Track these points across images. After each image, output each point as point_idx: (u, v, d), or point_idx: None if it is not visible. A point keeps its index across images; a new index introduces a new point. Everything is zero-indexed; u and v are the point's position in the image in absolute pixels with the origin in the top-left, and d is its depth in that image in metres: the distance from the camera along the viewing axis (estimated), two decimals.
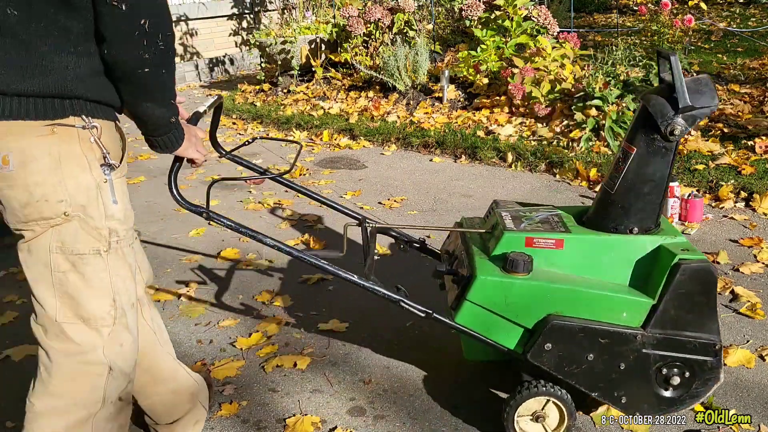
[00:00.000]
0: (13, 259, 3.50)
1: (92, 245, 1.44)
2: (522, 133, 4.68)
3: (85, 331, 1.44)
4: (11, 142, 1.34)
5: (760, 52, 6.39)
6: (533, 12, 5.48)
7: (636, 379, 1.76)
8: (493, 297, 1.75)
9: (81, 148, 1.43)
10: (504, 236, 1.81)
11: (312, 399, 2.14)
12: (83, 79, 1.37)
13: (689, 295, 1.69)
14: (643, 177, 1.77)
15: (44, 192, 1.36)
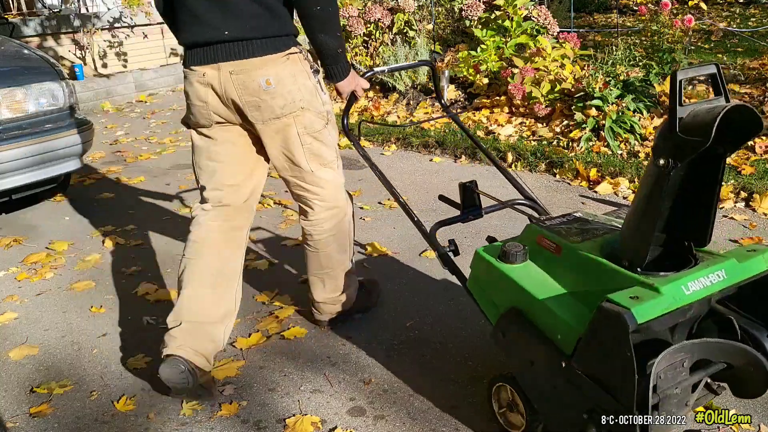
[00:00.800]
0: (13, 260, 3.52)
1: (321, 123, 2.18)
2: (522, 133, 4.68)
3: (326, 170, 2.24)
4: (269, 70, 2.03)
5: (760, 52, 6.39)
6: (533, 12, 5.48)
7: (565, 409, 1.60)
8: (480, 272, 1.86)
9: (302, 66, 2.11)
10: (527, 227, 1.86)
11: (312, 399, 2.14)
12: (288, 20, 2.07)
13: (602, 340, 1.45)
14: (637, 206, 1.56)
15: (292, 97, 2.08)
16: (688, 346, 1.52)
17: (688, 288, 1.49)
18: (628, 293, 1.44)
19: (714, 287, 1.52)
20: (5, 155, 3.57)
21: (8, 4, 7.62)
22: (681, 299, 1.47)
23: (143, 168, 4.97)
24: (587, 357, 1.50)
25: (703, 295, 1.50)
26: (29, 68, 3.93)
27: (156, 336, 2.58)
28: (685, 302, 1.47)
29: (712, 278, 1.53)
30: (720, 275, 1.54)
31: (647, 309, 1.40)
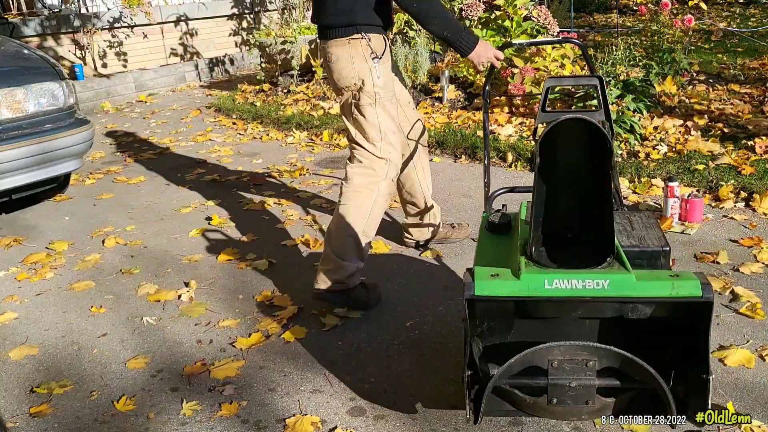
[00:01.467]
0: (13, 259, 3.52)
1: (368, 101, 2.58)
2: (522, 133, 4.68)
3: (367, 144, 2.62)
4: (333, 50, 2.58)
5: (760, 52, 6.39)
6: (533, 12, 5.48)
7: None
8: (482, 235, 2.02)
9: (362, 50, 2.54)
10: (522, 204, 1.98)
11: (312, 399, 2.14)
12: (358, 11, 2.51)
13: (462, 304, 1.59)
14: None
15: (346, 73, 2.58)
16: (590, 347, 1.57)
17: (551, 283, 1.54)
18: (494, 270, 1.59)
19: (586, 292, 1.53)
20: (5, 155, 3.57)
21: (8, 4, 7.62)
22: (537, 290, 1.54)
23: (143, 168, 4.97)
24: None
25: (569, 294, 1.53)
26: (29, 68, 3.93)
27: (156, 336, 2.59)
28: (541, 294, 1.54)
29: (587, 283, 1.53)
30: (601, 284, 1.53)
31: (490, 286, 1.54)
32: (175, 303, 2.84)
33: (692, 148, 3.98)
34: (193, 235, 3.58)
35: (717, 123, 4.35)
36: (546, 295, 1.54)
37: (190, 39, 8.54)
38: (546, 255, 1.63)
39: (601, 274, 1.55)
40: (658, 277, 1.56)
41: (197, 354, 2.44)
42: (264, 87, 7.00)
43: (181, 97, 7.71)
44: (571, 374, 1.59)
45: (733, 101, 4.78)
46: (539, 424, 1.94)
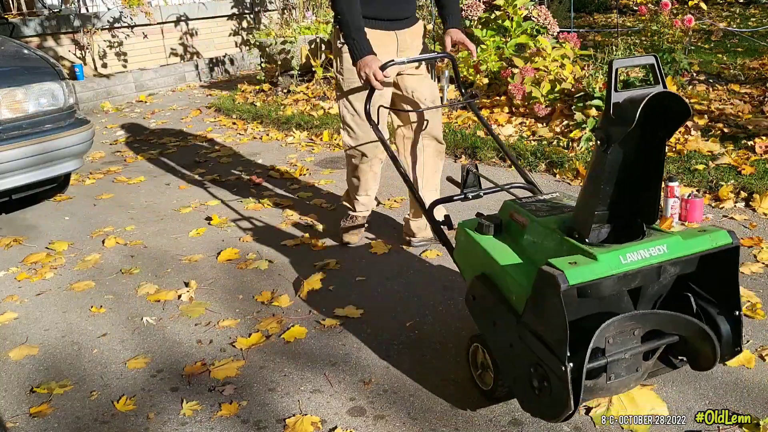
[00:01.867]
0: (13, 259, 3.51)
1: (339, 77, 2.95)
2: (522, 133, 4.68)
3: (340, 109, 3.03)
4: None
5: (760, 52, 6.39)
6: (533, 12, 5.48)
7: (518, 367, 1.77)
8: (461, 242, 2.08)
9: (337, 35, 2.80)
10: (504, 204, 2.01)
11: (312, 399, 2.14)
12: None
13: (541, 300, 1.62)
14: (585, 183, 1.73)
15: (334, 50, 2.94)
16: (638, 315, 1.67)
17: (626, 258, 1.61)
18: (568, 259, 1.61)
19: (653, 259, 1.63)
20: (5, 155, 3.57)
21: (8, 4, 7.62)
22: (617, 267, 1.60)
23: (143, 168, 4.97)
24: (532, 315, 1.67)
25: (641, 265, 1.62)
26: (29, 68, 3.93)
27: (156, 336, 2.59)
28: (620, 270, 1.60)
29: (652, 251, 1.64)
30: (661, 249, 1.64)
31: (581, 272, 1.56)
32: (175, 303, 2.84)
33: (692, 148, 3.98)
34: (193, 235, 3.58)
35: (717, 123, 4.35)
36: (625, 270, 1.60)
37: (190, 39, 8.54)
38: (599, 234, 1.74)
39: (657, 241, 1.66)
40: (693, 234, 1.69)
41: (197, 354, 2.44)
42: (264, 87, 7.00)
43: (181, 97, 7.71)
44: (623, 346, 1.67)
45: (733, 101, 4.78)
46: (539, 424, 1.95)
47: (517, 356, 1.75)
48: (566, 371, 1.56)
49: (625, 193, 1.70)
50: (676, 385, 2.08)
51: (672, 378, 2.11)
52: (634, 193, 1.71)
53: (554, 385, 1.61)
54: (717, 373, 2.11)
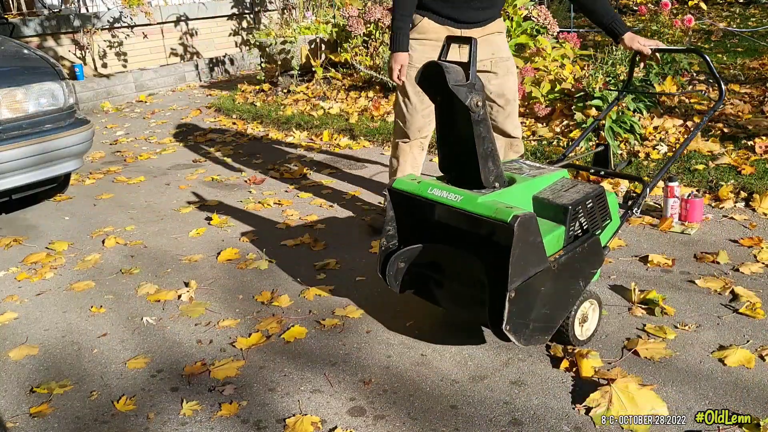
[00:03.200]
0: (13, 259, 3.51)
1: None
2: (522, 133, 4.68)
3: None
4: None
5: (760, 52, 6.39)
6: (533, 12, 5.48)
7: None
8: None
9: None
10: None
11: (312, 399, 2.14)
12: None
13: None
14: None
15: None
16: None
17: (432, 190, 2.16)
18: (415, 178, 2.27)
19: (448, 201, 2.10)
20: (5, 155, 3.57)
21: (8, 4, 7.62)
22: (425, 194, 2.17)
23: (143, 168, 4.97)
24: None
25: (439, 200, 2.12)
26: (29, 68, 3.93)
27: (156, 336, 2.59)
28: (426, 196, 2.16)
29: (451, 196, 2.11)
30: (455, 198, 2.10)
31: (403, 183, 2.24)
32: (175, 303, 2.84)
33: (692, 148, 3.98)
34: (193, 235, 3.58)
35: (717, 123, 4.35)
36: (429, 198, 2.15)
37: (190, 39, 8.54)
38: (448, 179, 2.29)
39: (457, 191, 2.11)
40: (497, 206, 1.99)
41: (197, 354, 2.44)
42: (264, 87, 7.00)
43: (181, 97, 7.71)
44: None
45: (733, 101, 4.78)
46: (539, 424, 1.95)
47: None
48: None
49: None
50: (676, 385, 2.08)
51: (672, 378, 2.11)
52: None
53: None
54: (717, 373, 2.12)
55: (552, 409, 2.01)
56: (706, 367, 2.15)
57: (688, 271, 2.80)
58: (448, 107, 2.16)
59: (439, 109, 2.21)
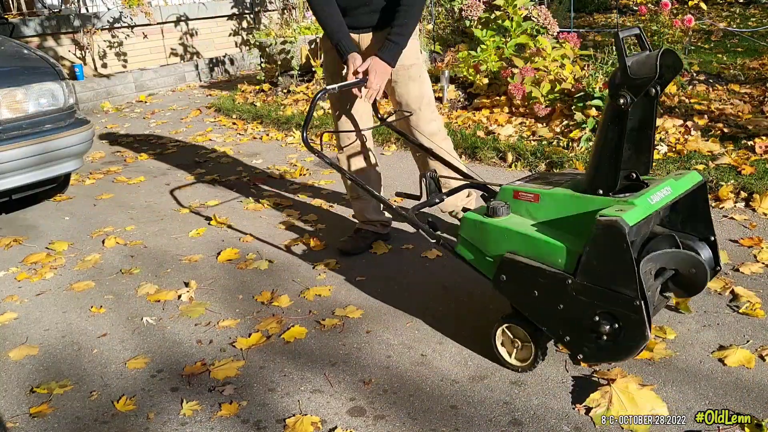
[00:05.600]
0: (13, 259, 3.51)
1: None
2: (522, 133, 4.68)
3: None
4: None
5: (760, 52, 6.39)
6: (533, 12, 5.48)
7: (573, 322, 1.94)
8: (472, 233, 2.14)
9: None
10: (502, 188, 2.15)
11: (312, 399, 2.14)
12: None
13: (603, 248, 1.81)
14: (602, 142, 1.92)
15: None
16: (654, 257, 1.91)
17: (652, 200, 1.89)
18: (612, 209, 1.82)
19: (666, 199, 1.94)
20: (5, 155, 3.57)
21: (8, 4, 7.62)
22: (650, 208, 1.87)
23: (143, 168, 4.97)
24: (591, 267, 1.85)
25: (662, 204, 1.92)
26: (29, 68, 3.93)
27: (156, 336, 2.59)
28: (653, 210, 1.88)
29: (663, 192, 1.94)
30: (667, 191, 1.95)
31: (632, 215, 1.80)
32: (175, 303, 2.84)
33: (692, 148, 3.98)
34: (193, 235, 3.58)
35: (717, 123, 4.35)
36: (656, 209, 1.90)
37: (190, 39, 8.54)
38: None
39: (662, 185, 1.96)
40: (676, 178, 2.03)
41: (197, 354, 2.44)
42: (264, 87, 7.00)
43: (181, 97, 7.71)
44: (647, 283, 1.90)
45: (733, 101, 4.78)
46: (539, 424, 1.95)
47: (571, 314, 1.92)
48: (641, 304, 1.79)
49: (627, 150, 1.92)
50: (676, 385, 2.08)
51: (672, 378, 2.11)
52: (634, 148, 1.95)
53: (630, 321, 1.82)
54: (717, 373, 2.12)
55: (552, 409, 2.01)
56: (706, 367, 2.15)
57: None
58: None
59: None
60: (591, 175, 1.96)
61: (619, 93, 1.82)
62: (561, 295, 1.93)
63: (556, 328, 1.99)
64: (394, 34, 2.72)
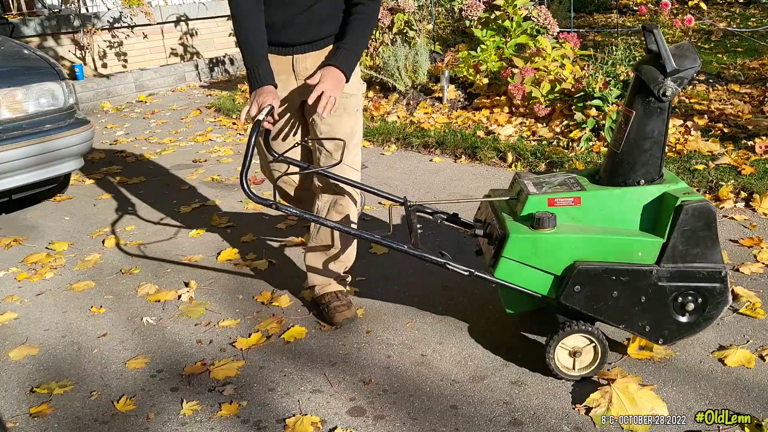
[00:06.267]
0: (13, 259, 3.51)
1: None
2: (522, 133, 4.68)
3: None
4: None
5: (760, 52, 6.39)
6: (533, 12, 5.48)
7: (656, 309, 2.01)
8: (524, 251, 2.00)
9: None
10: (529, 199, 2.06)
11: (312, 399, 2.14)
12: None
13: (693, 231, 1.94)
14: (644, 135, 2.00)
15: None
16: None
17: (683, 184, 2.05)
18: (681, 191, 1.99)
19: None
20: (5, 155, 3.57)
21: (8, 4, 7.62)
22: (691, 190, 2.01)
23: (143, 168, 4.97)
24: (678, 251, 1.96)
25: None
26: (29, 68, 3.93)
27: (156, 336, 2.59)
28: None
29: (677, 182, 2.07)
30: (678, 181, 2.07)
31: (699, 197, 1.96)
32: (175, 303, 2.84)
33: (692, 148, 3.98)
34: (193, 235, 3.58)
35: (717, 123, 4.35)
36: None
37: (190, 39, 8.54)
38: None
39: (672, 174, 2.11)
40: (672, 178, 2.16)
41: (197, 354, 2.44)
42: None
43: (181, 97, 7.71)
44: None
45: (733, 101, 4.78)
46: (539, 424, 1.95)
47: (654, 303, 2.00)
48: (726, 273, 1.98)
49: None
50: (676, 385, 2.08)
51: (672, 378, 2.11)
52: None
53: (715, 292, 1.98)
54: (717, 373, 2.12)
55: (552, 409, 2.01)
56: (706, 367, 2.15)
57: None
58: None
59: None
60: (628, 169, 2.03)
61: (665, 84, 1.93)
62: (644, 288, 1.98)
63: (636, 322, 2.03)
64: (349, 42, 2.31)
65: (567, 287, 1.98)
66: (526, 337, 2.39)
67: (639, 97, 1.99)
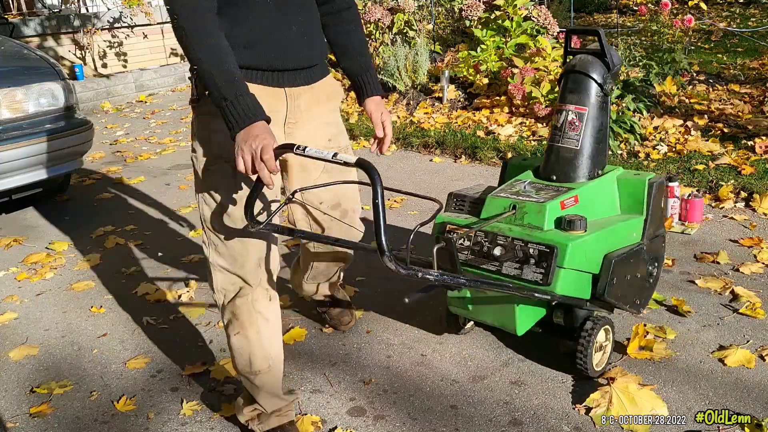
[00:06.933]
0: (13, 259, 3.51)
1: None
2: (522, 133, 4.68)
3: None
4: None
5: (760, 52, 6.39)
6: (533, 12, 5.48)
7: (643, 282, 2.18)
8: (580, 258, 1.97)
9: None
10: (549, 207, 2.01)
11: (312, 399, 2.14)
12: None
13: (658, 203, 2.18)
14: (598, 128, 2.15)
15: None
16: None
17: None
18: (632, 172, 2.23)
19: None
20: (5, 155, 3.57)
21: (8, 4, 7.62)
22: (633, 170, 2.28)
23: (143, 168, 4.97)
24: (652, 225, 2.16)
25: None
26: (29, 68, 3.93)
27: (156, 336, 2.59)
28: None
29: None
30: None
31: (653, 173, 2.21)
32: (175, 303, 2.84)
33: (692, 148, 3.98)
34: (193, 235, 3.58)
35: (717, 123, 4.35)
36: None
37: None
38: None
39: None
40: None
41: (197, 354, 2.44)
42: None
43: (181, 97, 7.70)
44: None
45: (733, 101, 4.78)
46: (539, 424, 1.95)
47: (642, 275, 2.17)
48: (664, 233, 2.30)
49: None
50: (676, 385, 2.08)
51: (672, 378, 2.11)
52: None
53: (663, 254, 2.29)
54: (717, 373, 2.12)
55: (552, 409, 2.01)
56: (706, 367, 2.15)
57: (688, 271, 2.80)
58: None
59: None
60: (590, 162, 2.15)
61: (608, 82, 2.13)
62: (639, 264, 2.14)
63: (632, 298, 2.15)
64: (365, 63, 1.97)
65: (607, 282, 2.00)
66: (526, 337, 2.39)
67: (588, 94, 2.13)
